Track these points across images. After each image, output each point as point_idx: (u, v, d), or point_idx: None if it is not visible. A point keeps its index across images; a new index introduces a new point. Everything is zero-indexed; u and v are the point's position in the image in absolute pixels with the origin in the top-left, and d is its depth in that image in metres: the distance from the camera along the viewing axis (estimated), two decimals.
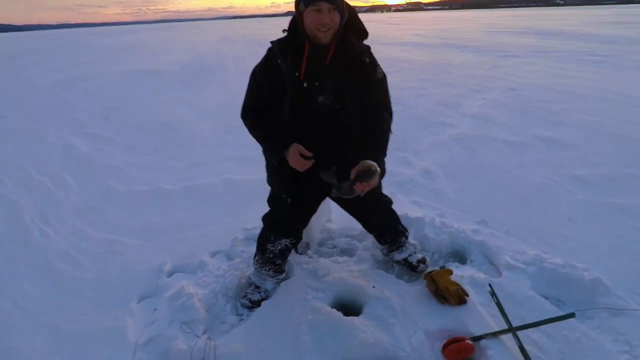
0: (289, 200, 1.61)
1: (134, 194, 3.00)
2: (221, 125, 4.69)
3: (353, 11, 1.47)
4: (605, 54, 9.51)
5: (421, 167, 3.16)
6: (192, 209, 2.71)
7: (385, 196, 1.82)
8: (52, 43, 28.33)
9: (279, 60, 1.42)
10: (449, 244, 2.14)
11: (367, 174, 1.31)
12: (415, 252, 1.93)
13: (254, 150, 1.91)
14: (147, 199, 2.91)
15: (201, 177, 3.20)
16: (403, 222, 1.97)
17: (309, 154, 1.40)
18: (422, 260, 1.91)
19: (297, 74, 1.41)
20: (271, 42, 1.48)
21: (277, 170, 1.56)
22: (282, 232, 1.70)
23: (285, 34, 1.48)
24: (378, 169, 1.31)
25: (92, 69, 11.08)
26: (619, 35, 14.43)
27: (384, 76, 1.51)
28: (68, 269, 2.11)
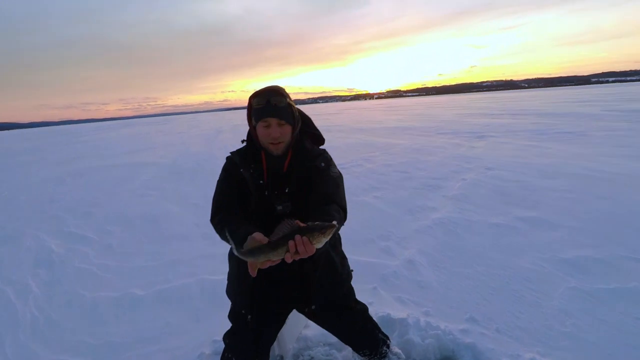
0: (249, 316, 1.47)
1: (100, 301, 2.79)
2: (204, 217, 4.63)
3: (307, 118, 1.55)
4: (572, 130, 10.21)
5: (405, 257, 3.05)
6: (160, 317, 2.50)
7: (359, 303, 1.69)
8: (55, 139, 29.70)
9: (241, 170, 1.45)
10: (436, 349, 1.94)
11: (320, 228, 1.10)
12: None
13: None
14: (114, 307, 2.70)
15: (176, 279, 3.04)
16: (385, 324, 1.81)
17: (265, 239, 1.22)
18: None
19: (261, 182, 1.44)
20: (231, 153, 1.53)
21: (240, 275, 1.46)
22: (245, 353, 1.52)
23: (245, 144, 1.53)
24: (337, 225, 1.13)
25: (86, 163, 11.43)
26: (582, 112, 15.74)
27: (340, 175, 1.49)
28: None
